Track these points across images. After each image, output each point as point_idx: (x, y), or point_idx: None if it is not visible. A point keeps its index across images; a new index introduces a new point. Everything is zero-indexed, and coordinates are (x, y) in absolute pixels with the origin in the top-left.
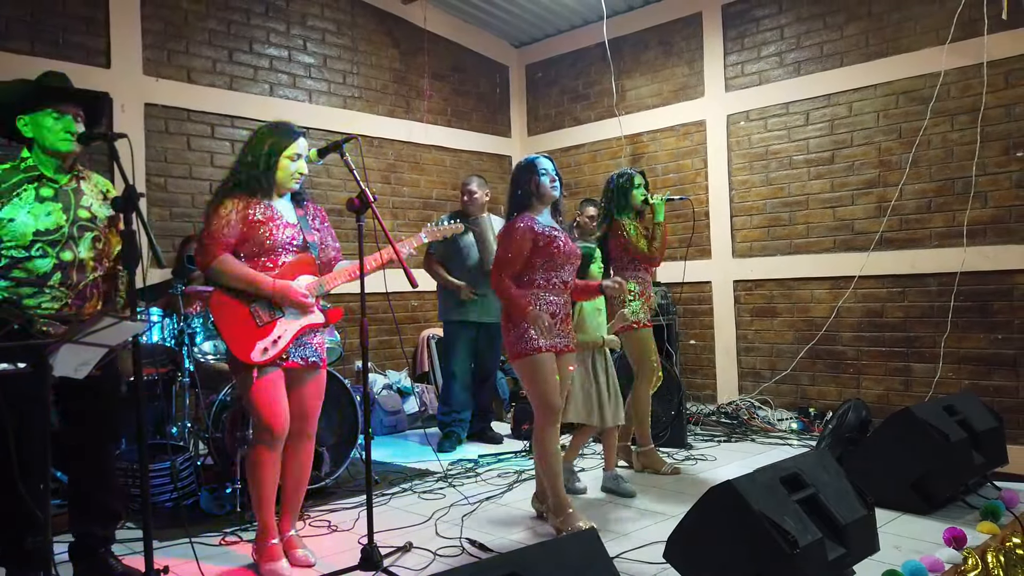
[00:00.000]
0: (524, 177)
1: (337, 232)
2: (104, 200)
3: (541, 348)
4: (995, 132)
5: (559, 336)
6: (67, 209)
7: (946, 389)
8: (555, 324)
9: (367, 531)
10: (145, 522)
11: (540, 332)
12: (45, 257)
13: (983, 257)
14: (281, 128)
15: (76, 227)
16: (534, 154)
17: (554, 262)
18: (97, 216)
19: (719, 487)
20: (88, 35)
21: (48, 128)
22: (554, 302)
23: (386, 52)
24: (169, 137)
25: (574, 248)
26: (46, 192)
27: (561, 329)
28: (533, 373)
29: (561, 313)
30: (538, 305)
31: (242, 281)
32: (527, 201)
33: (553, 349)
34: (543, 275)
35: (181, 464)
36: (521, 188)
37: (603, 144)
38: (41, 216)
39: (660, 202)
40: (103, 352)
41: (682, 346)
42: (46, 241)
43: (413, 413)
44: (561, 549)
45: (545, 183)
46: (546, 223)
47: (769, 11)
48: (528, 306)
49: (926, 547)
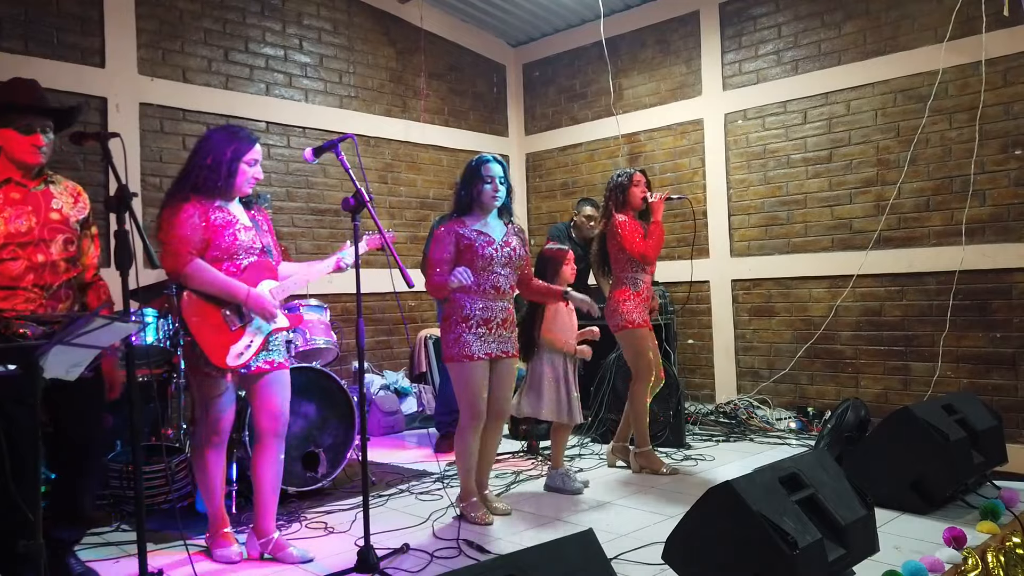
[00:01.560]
0: (469, 179)
1: (334, 232)
2: (75, 203)
3: (473, 355)
4: (993, 130)
5: (493, 342)
6: (37, 211)
7: (945, 388)
8: (489, 330)
9: (364, 533)
10: (139, 524)
11: (460, 282)
12: (16, 259)
13: (981, 256)
14: (241, 133)
15: (47, 229)
16: (488, 155)
17: (475, 266)
18: (69, 218)
19: (718, 488)
20: (83, 34)
21: (14, 140)
22: (488, 307)
23: (382, 51)
24: (164, 137)
25: (507, 252)
26: (15, 195)
27: (497, 335)
28: (462, 378)
29: (496, 318)
30: (468, 309)
31: (217, 288)
32: (467, 203)
33: (488, 356)
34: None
35: (176, 466)
36: (465, 189)
37: (600, 143)
38: (12, 219)
39: (658, 202)
40: (95, 353)
41: (680, 346)
42: (17, 243)
43: (411, 413)
44: (559, 550)
45: (487, 191)
46: (479, 227)
47: (766, 9)
48: (440, 276)
49: (926, 547)
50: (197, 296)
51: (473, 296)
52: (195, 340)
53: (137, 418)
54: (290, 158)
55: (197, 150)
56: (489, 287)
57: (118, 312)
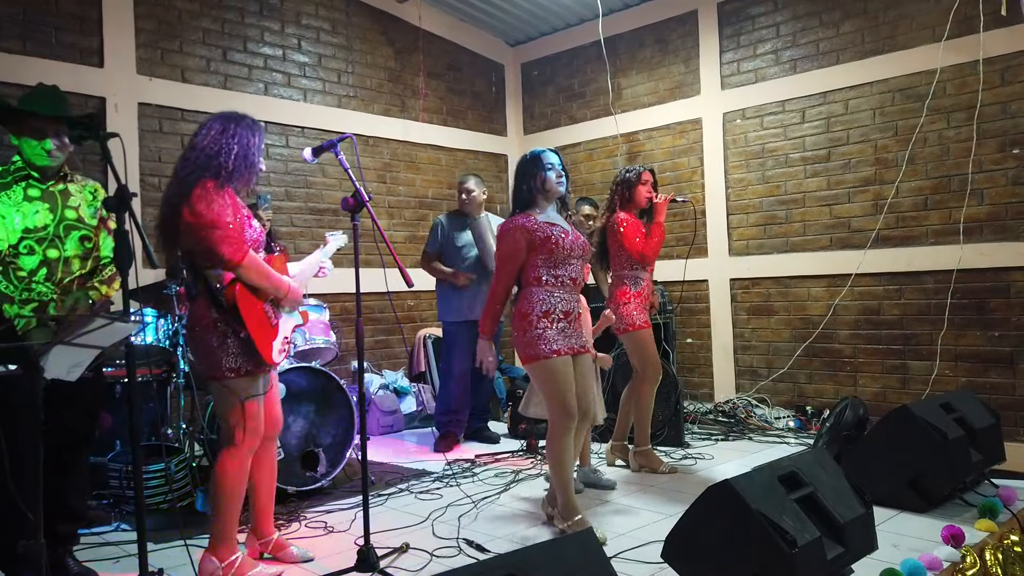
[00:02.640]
0: (530, 172)
1: (332, 231)
2: (93, 201)
3: (558, 351)
4: (991, 129)
5: (573, 336)
6: (54, 209)
7: (943, 387)
8: (569, 323)
9: (363, 532)
10: (139, 524)
11: (482, 358)
12: (32, 254)
13: (980, 254)
14: (258, 125)
15: (63, 226)
16: (540, 148)
17: (553, 258)
18: (84, 217)
19: (717, 486)
20: (81, 34)
21: (28, 145)
22: (565, 299)
23: (381, 51)
24: (163, 137)
25: (580, 242)
26: (33, 192)
27: (576, 328)
28: (546, 377)
29: (575, 311)
30: (549, 303)
31: (269, 281)
32: (531, 197)
33: (569, 351)
34: (547, 272)
35: (176, 466)
36: (526, 183)
37: (599, 143)
38: (29, 214)
39: (662, 203)
40: (95, 353)
41: (679, 345)
42: (33, 238)
43: (410, 413)
44: (559, 549)
45: (551, 179)
46: (546, 219)
47: (765, 9)
48: (486, 334)
49: (924, 545)
50: (246, 289)
51: (551, 289)
52: (251, 335)
53: (137, 418)
54: (289, 158)
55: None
56: (567, 279)
57: (118, 312)
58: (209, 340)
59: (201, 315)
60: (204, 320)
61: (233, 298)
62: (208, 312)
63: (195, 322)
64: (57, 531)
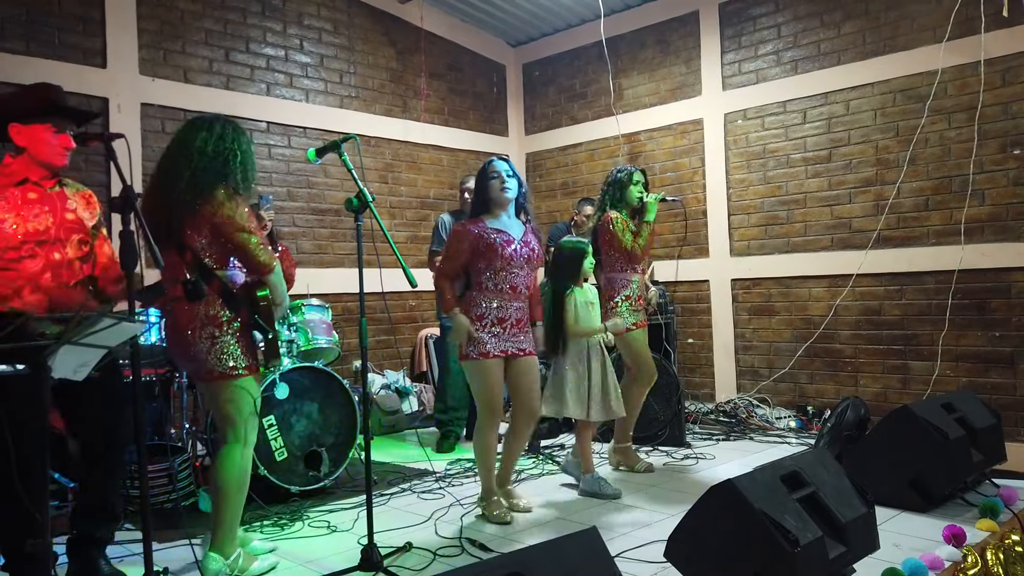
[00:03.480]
0: (478, 182)
1: (335, 232)
2: (88, 207)
3: (488, 353)
4: (992, 130)
5: (508, 341)
6: (54, 211)
7: (944, 387)
8: (503, 329)
9: (367, 531)
10: (144, 524)
11: (456, 337)
12: (35, 257)
13: (980, 255)
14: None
15: (63, 229)
16: (494, 156)
17: (493, 265)
18: (82, 219)
19: (720, 486)
20: (84, 35)
21: (45, 142)
22: (502, 307)
23: (383, 51)
24: (166, 137)
25: (526, 252)
26: (32, 195)
27: (511, 334)
28: (478, 376)
29: (511, 318)
30: (484, 308)
31: (282, 287)
32: (484, 205)
33: (503, 354)
34: (488, 278)
35: (179, 465)
36: (479, 191)
37: (600, 143)
38: (30, 218)
39: (653, 201)
40: (102, 353)
41: (680, 345)
42: (35, 242)
43: (411, 413)
44: (563, 549)
45: (494, 185)
46: (496, 226)
47: (766, 9)
48: (452, 307)
49: (926, 545)
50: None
51: (489, 295)
52: (275, 336)
53: (141, 418)
54: (291, 158)
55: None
56: (507, 286)
57: (124, 312)
58: (220, 338)
59: (212, 315)
60: (216, 320)
61: (266, 301)
62: (220, 312)
63: (201, 322)
64: (95, 534)
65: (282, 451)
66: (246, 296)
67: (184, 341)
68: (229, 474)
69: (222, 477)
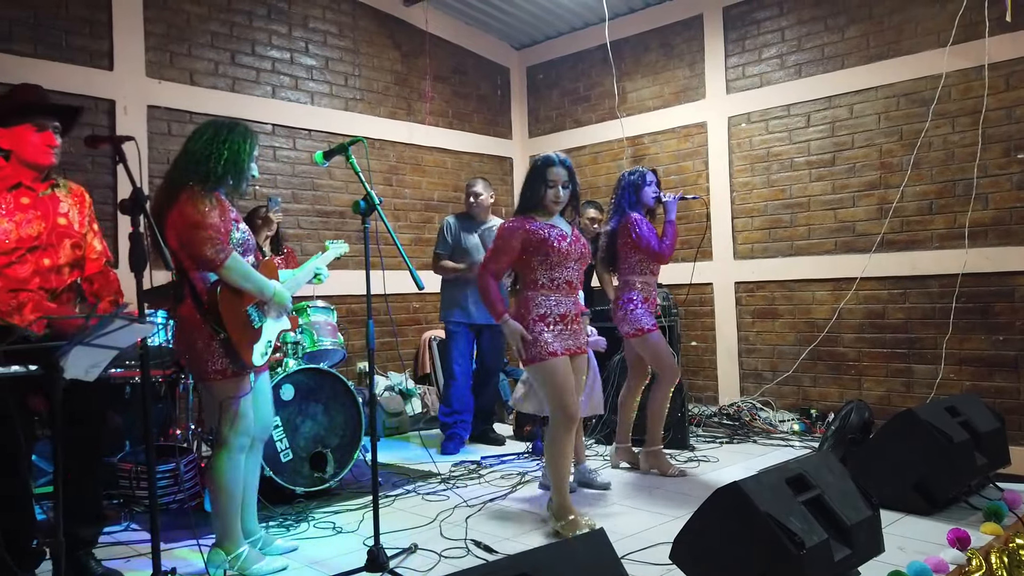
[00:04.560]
0: (535, 181)
1: (340, 234)
2: (81, 206)
3: (556, 352)
4: (996, 134)
5: (569, 338)
6: (46, 216)
7: (947, 390)
8: (565, 325)
9: (373, 532)
10: (153, 524)
11: (514, 343)
12: (24, 263)
13: (984, 259)
14: (250, 130)
15: (55, 234)
16: (553, 153)
17: (549, 261)
18: (74, 223)
19: (725, 488)
20: (91, 37)
21: (28, 141)
22: (561, 302)
23: (387, 54)
24: (172, 139)
25: (579, 247)
26: (25, 200)
27: (572, 330)
28: (547, 378)
29: (571, 313)
30: (544, 306)
31: (251, 282)
32: (533, 204)
33: (566, 352)
34: (544, 275)
35: (185, 465)
36: (531, 190)
37: (604, 146)
38: (23, 224)
39: (672, 201)
40: (114, 354)
41: (684, 347)
42: (27, 248)
43: (415, 415)
44: (570, 550)
45: (550, 197)
46: (547, 221)
47: (770, 13)
48: (502, 314)
49: (930, 548)
50: (229, 291)
51: (546, 292)
52: (230, 337)
53: (150, 418)
54: (296, 160)
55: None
56: (563, 282)
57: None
58: (196, 342)
59: (189, 316)
60: (191, 321)
61: (215, 300)
62: (195, 313)
63: (183, 323)
64: (80, 534)
65: (287, 452)
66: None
67: (176, 341)
68: (209, 470)
69: (208, 477)
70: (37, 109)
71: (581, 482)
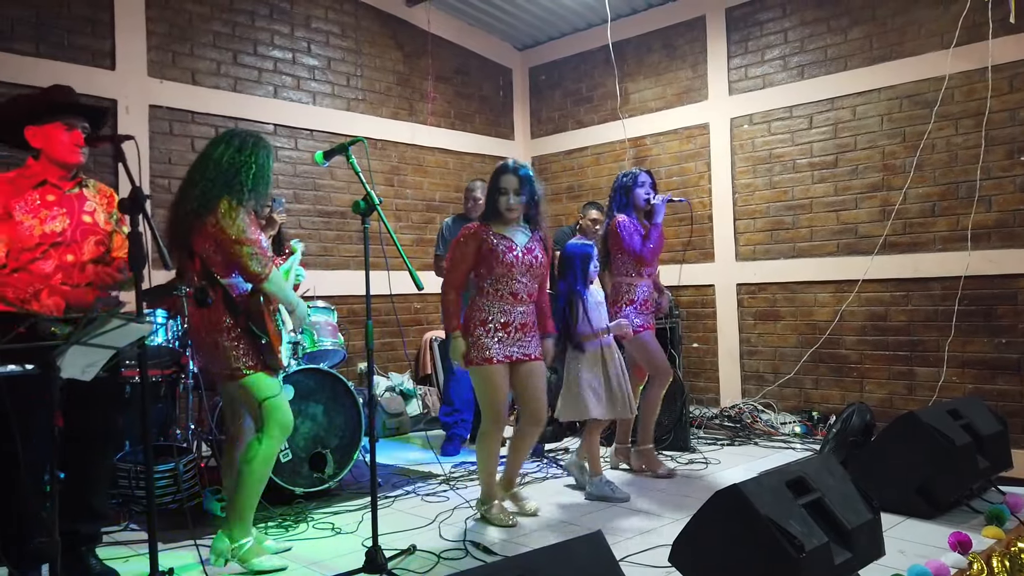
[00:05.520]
0: (490, 189)
1: (341, 235)
2: (108, 205)
3: (492, 359)
4: (999, 136)
5: (513, 345)
6: (71, 213)
7: (950, 393)
8: (507, 333)
9: (372, 533)
10: (150, 524)
11: (454, 358)
12: (48, 259)
13: (987, 261)
14: (271, 145)
15: (79, 231)
16: (510, 160)
17: (494, 272)
18: (99, 221)
19: (725, 491)
20: (93, 37)
21: (59, 140)
22: (506, 311)
23: (390, 55)
24: (173, 139)
25: (530, 259)
26: (50, 197)
27: (516, 339)
28: (481, 382)
29: (515, 323)
30: (487, 313)
31: (285, 294)
32: (488, 214)
33: (507, 359)
34: (490, 284)
35: (185, 466)
36: (488, 198)
37: (606, 147)
38: (47, 220)
39: (660, 204)
40: (111, 354)
41: (685, 349)
42: (50, 244)
43: (416, 415)
44: (569, 552)
45: (501, 204)
46: (502, 232)
47: (773, 15)
48: (454, 329)
49: (931, 551)
50: (264, 299)
51: (491, 300)
52: (271, 341)
53: (148, 418)
54: (298, 160)
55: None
56: (507, 293)
57: (132, 313)
58: (222, 342)
59: (216, 320)
60: (219, 324)
61: (259, 308)
62: (223, 318)
63: (208, 326)
64: (80, 531)
65: (287, 453)
66: (244, 304)
67: (197, 342)
68: (245, 461)
69: (241, 463)
70: (67, 109)
71: (598, 496)
